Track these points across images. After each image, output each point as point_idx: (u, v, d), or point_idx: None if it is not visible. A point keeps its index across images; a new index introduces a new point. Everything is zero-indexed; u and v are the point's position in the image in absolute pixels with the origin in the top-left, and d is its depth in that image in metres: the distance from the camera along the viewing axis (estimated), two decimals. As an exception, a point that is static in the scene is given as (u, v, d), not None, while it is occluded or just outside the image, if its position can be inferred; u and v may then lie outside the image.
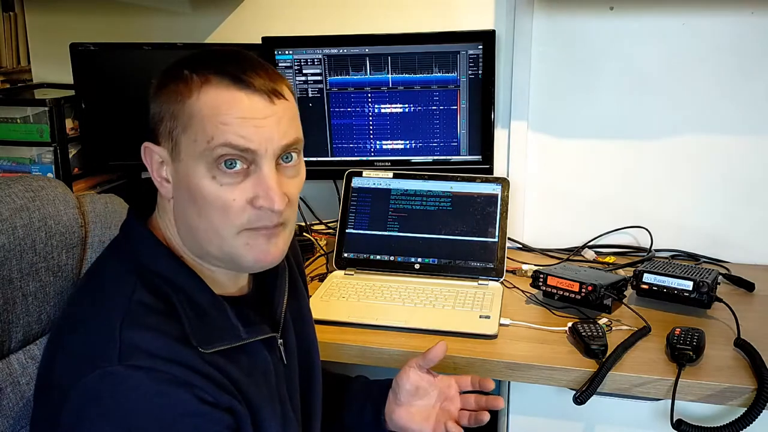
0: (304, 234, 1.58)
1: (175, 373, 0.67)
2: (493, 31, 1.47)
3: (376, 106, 1.53)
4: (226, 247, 0.74)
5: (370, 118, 1.54)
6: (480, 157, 1.54)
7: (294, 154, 0.76)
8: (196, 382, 0.68)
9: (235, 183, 0.72)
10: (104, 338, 0.68)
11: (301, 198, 1.70)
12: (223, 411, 0.71)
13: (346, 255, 1.47)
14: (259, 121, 0.72)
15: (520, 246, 1.63)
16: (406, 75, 1.50)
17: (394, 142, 1.55)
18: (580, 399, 1.04)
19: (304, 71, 1.53)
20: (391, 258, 1.45)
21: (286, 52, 1.52)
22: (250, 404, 0.75)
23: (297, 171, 0.77)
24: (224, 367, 0.73)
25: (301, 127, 0.77)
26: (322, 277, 1.43)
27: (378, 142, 1.56)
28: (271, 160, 0.73)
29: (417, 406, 1.01)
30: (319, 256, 1.56)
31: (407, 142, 1.55)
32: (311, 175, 1.59)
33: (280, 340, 0.84)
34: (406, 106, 1.52)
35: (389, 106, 1.53)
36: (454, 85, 1.50)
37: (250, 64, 0.74)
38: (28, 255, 0.81)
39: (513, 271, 1.47)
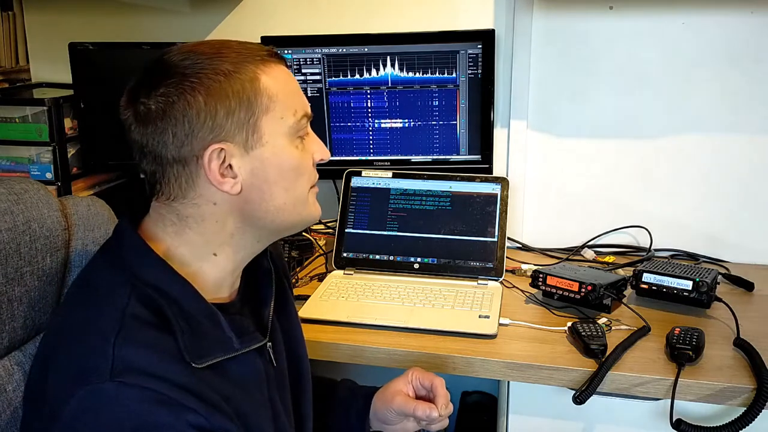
0: (303, 233, 1.58)
1: (167, 392, 0.66)
2: (493, 31, 1.47)
3: (376, 120, 1.53)
4: (304, 211, 0.81)
5: (370, 133, 1.55)
6: (479, 156, 1.54)
7: None
8: (188, 404, 0.67)
9: (305, 146, 0.81)
10: (97, 353, 0.67)
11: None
12: None
13: (345, 254, 1.47)
14: (299, 88, 0.81)
15: (520, 246, 1.63)
16: (406, 74, 1.50)
17: (395, 156, 1.56)
18: (580, 399, 1.04)
19: (303, 71, 1.53)
20: (391, 258, 1.45)
21: (285, 52, 1.52)
22: (243, 419, 0.74)
23: None
24: (216, 384, 0.72)
25: None
26: (321, 277, 1.43)
27: (378, 157, 1.57)
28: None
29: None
30: (318, 256, 1.56)
31: (407, 156, 1.56)
32: (310, 174, 1.61)
33: (268, 344, 0.84)
34: (406, 121, 1.53)
35: (389, 121, 1.53)
36: (454, 85, 1.50)
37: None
38: (13, 259, 0.79)
39: (512, 271, 1.47)
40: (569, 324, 1.18)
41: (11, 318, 0.80)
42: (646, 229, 1.56)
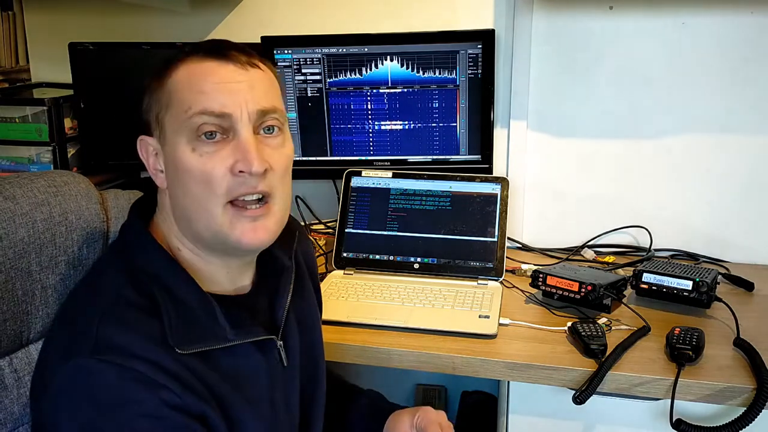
0: (304, 234, 1.58)
1: (143, 371, 0.67)
2: (493, 31, 1.46)
3: (376, 123, 1.54)
4: (213, 224, 0.74)
5: (370, 135, 1.55)
6: (479, 156, 1.54)
7: (276, 127, 0.76)
8: (164, 382, 0.68)
9: (215, 152, 0.72)
10: (83, 332, 0.69)
11: (300, 198, 1.70)
12: (189, 417, 0.69)
13: (345, 254, 1.47)
14: (233, 85, 0.73)
15: (520, 246, 1.63)
16: (406, 74, 1.50)
17: (395, 156, 1.56)
18: (580, 399, 1.04)
19: (303, 71, 1.53)
20: (391, 258, 1.45)
21: (285, 52, 1.52)
22: (227, 410, 0.74)
23: (282, 143, 0.77)
24: (200, 371, 0.72)
25: (282, 102, 0.78)
26: (321, 277, 1.43)
27: (378, 157, 1.57)
28: (248, 126, 0.73)
29: None
30: (318, 256, 1.56)
31: (408, 156, 1.56)
32: (310, 174, 1.61)
33: (279, 342, 0.83)
34: (406, 123, 1.53)
35: (389, 123, 1.53)
36: (454, 85, 1.50)
37: (228, 42, 0.76)
38: (48, 248, 0.83)
39: (512, 271, 1.47)
40: (569, 324, 1.18)
41: (45, 304, 0.83)
42: (646, 229, 1.56)
